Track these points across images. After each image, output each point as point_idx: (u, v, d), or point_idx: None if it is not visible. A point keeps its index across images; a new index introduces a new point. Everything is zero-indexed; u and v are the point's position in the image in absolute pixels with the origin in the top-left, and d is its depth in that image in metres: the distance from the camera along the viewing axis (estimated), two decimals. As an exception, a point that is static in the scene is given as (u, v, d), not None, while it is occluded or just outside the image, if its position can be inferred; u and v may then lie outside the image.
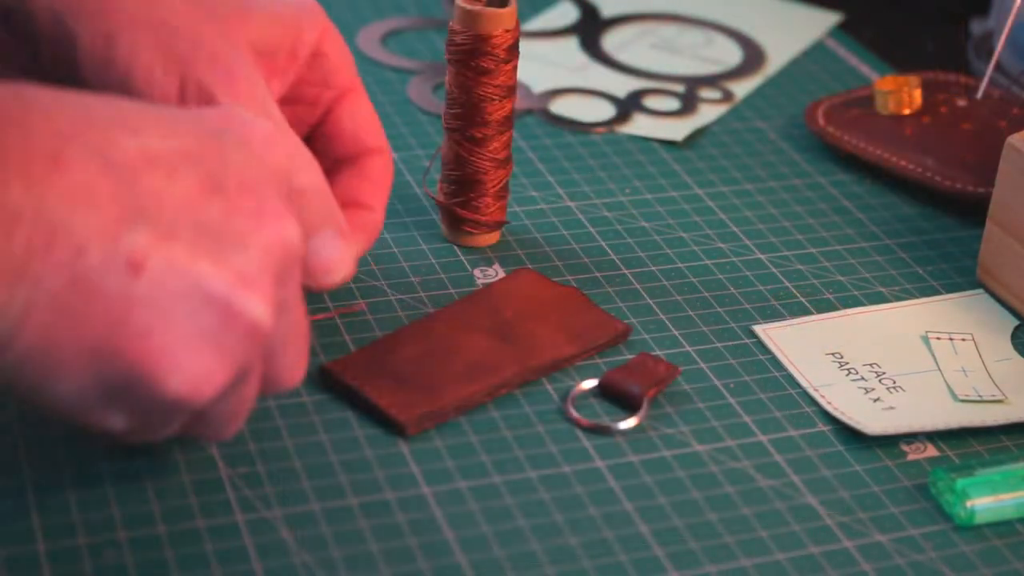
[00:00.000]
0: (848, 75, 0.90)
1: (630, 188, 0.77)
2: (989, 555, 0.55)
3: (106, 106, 0.49)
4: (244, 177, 0.49)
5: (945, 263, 0.72)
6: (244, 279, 0.48)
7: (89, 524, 0.53)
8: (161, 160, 0.48)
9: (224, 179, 0.49)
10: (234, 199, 0.48)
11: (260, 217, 0.49)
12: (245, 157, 0.50)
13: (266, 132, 0.51)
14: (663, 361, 0.62)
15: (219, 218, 0.48)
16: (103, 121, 0.47)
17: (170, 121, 0.49)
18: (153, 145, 0.48)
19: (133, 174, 0.47)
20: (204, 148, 0.49)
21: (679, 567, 0.53)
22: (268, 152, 0.51)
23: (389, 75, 0.86)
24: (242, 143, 0.50)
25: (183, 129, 0.49)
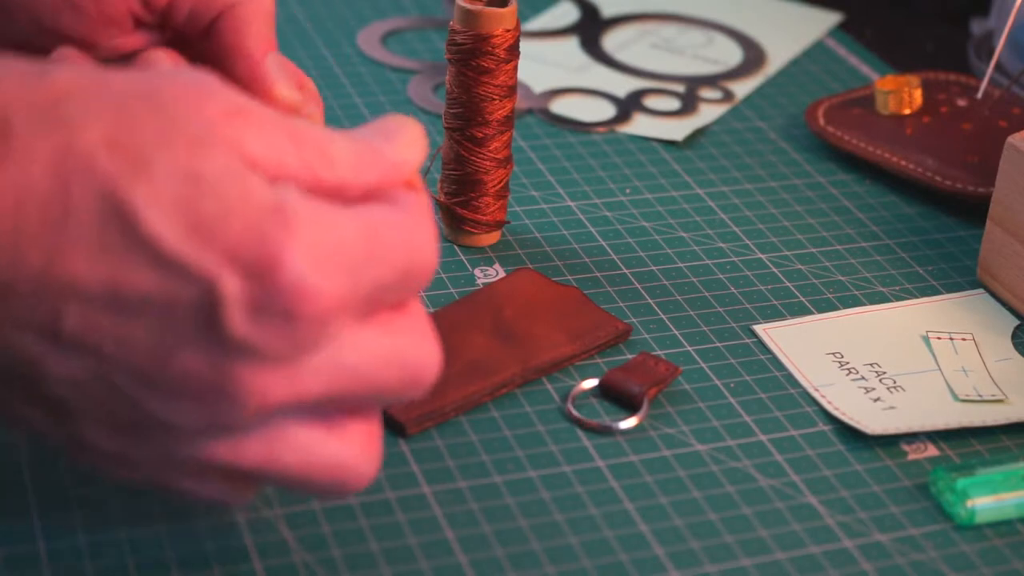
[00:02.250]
0: (848, 75, 0.90)
1: (630, 188, 0.77)
2: (990, 555, 0.55)
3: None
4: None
5: (945, 263, 0.72)
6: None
7: (89, 524, 0.53)
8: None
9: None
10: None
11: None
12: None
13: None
14: (663, 361, 0.62)
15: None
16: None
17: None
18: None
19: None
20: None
21: (679, 567, 0.53)
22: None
23: (389, 75, 0.86)
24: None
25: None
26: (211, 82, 0.45)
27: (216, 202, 0.42)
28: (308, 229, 0.43)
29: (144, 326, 0.43)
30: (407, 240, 0.46)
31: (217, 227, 0.42)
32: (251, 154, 0.44)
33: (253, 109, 0.45)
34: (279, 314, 0.43)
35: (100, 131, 0.42)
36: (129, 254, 0.42)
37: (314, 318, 0.43)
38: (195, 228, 0.42)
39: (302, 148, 0.45)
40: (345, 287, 0.43)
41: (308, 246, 0.43)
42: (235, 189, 0.43)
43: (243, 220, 0.42)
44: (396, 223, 0.46)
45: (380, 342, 0.46)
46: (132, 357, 0.43)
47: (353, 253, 0.44)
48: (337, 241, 0.44)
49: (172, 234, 0.42)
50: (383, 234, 0.45)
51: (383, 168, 0.47)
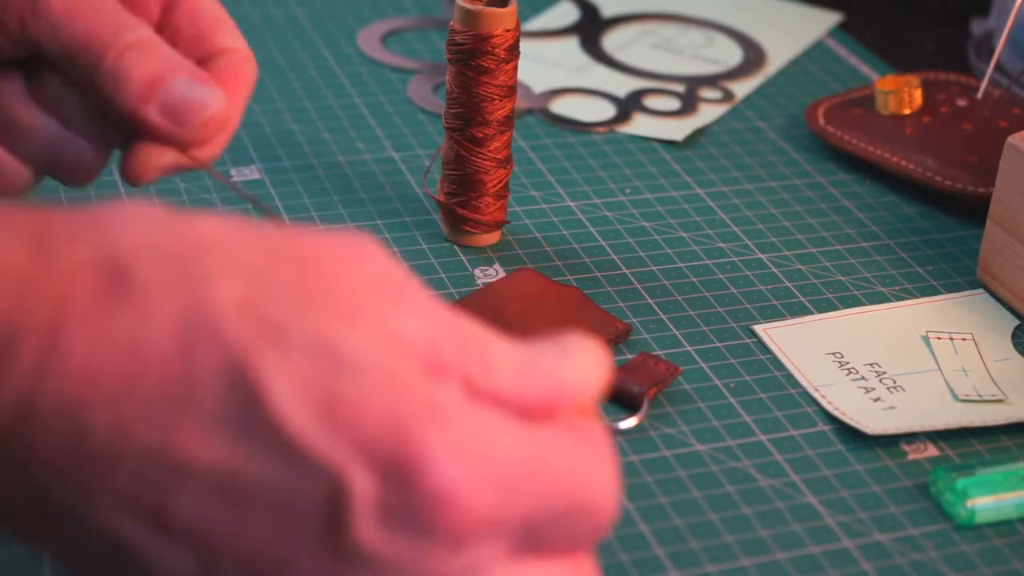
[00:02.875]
0: (848, 75, 0.90)
1: (630, 188, 0.77)
2: (990, 555, 0.55)
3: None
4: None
5: (945, 263, 0.72)
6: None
7: (89, 524, 0.53)
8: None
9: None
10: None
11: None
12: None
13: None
14: (663, 361, 0.62)
15: None
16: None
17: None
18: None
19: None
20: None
21: (679, 567, 0.53)
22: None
23: (389, 75, 0.86)
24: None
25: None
26: (371, 247, 0.40)
27: (356, 384, 0.37)
28: (461, 429, 0.37)
29: (261, 520, 0.37)
30: (579, 470, 0.39)
31: (354, 413, 0.36)
32: (402, 335, 0.38)
33: (412, 287, 0.40)
34: (416, 522, 0.37)
35: (235, 291, 0.38)
36: (252, 434, 0.37)
37: (457, 532, 0.37)
38: (329, 412, 0.37)
39: (463, 345, 0.39)
40: (498, 504, 0.37)
41: (459, 448, 0.37)
42: (379, 372, 0.37)
43: (385, 409, 0.37)
44: (568, 449, 0.39)
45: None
46: (245, 555, 0.37)
47: (512, 468, 0.37)
48: (494, 450, 0.37)
49: (301, 416, 0.36)
50: (551, 457, 0.38)
51: (550, 386, 0.40)
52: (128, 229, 0.39)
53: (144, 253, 0.38)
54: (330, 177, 0.75)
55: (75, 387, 0.37)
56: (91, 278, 0.37)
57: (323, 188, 0.74)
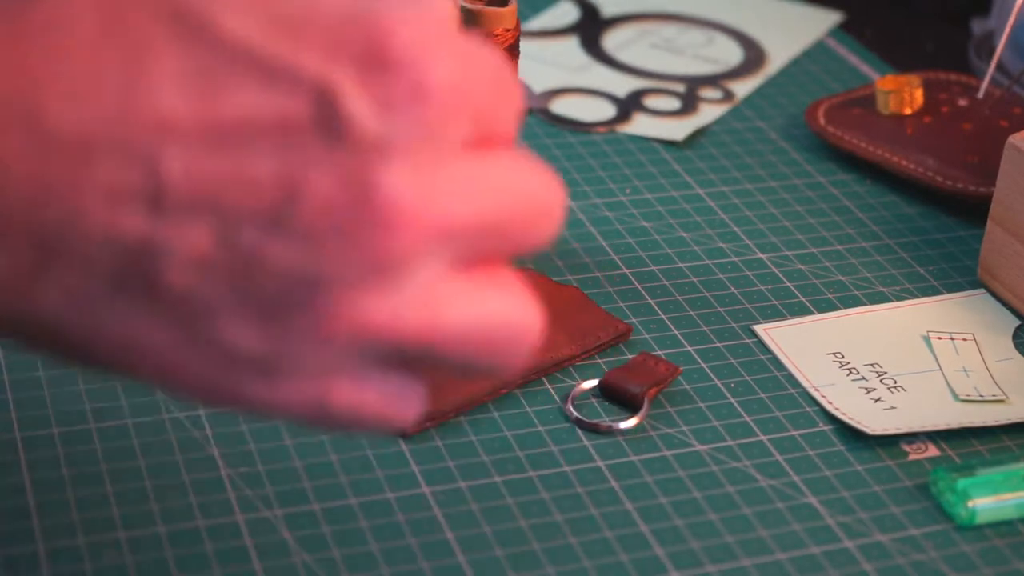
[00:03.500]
0: (848, 75, 0.90)
1: (630, 188, 0.77)
2: (990, 555, 0.55)
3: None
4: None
5: (946, 263, 0.72)
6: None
7: (89, 524, 0.53)
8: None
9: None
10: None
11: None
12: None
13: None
14: (663, 361, 0.62)
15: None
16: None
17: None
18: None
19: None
20: None
21: (679, 567, 0.53)
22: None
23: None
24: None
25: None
26: None
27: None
28: (423, 22, 0.36)
29: (261, 157, 0.35)
30: (529, 178, 0.39)
31: (314, 21, 0.35)
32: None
33: None
34: (407, 101, 0.35)
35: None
36: (218, 71, 0.35)
37: (442, 109, 0.36)
38: (281, 25, 0.35)
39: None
40: (467, 84, 0.36)
41: (426, 37, 0.36)
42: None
43: (337, 13, 0.35)
44: (521, 162, 0.39)
45: (485, 298, 0.39)
46: (258, 200, 0.35)
47: (472, 64, 0.37)
48: (459, 50, 0.36)
49: (259, 34, 0.35)
50: (503, 161, 0.38)
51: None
52: None
53: None
54: (330, 177, 0.75)
55: (16, 82, 0.35)
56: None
57: (323, 188, 0.74)
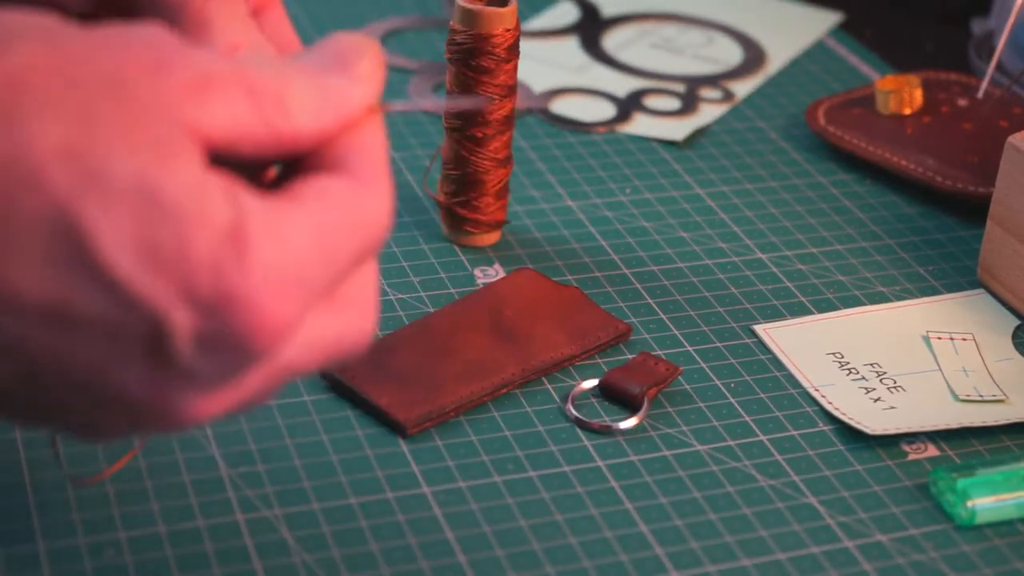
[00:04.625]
0: (848, 75, 0.90)
1: (630, 188, 0.77)
2: (990, 555, 0.55)
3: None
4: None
5: (945, 263, 0.72)
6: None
7: (89, 524, 0.53)
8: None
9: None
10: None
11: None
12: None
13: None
14: (663, 361, 0.62)
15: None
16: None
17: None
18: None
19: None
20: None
21: (679, 567, 0.53)
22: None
23: (389, 75, 0.86)
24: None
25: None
26: (167, 45, 0.41)
27: (173, 228, 0.39)
28: (264, 252, 0.40)
29: (85, 345, 0.40)
30: (361, 221, 0.43)
31: (172, 256, 0.39)
32: (211, 134, 0.41)
33: (213, 75, 0.41)
34: (230, 345, 0.40)
35: (56, 135, 0.39)
36: (77, 276, 0.39)
37: (268, 344, 0.41)
38: (150, 257, 0.39)
39: (260, 102, 0.41)
40: (301, 301, 0.41)
41: (264, 273, 0.40)
42: (194, 211, 0.39)
43: (199, 250, 0.39)
44: (348, 203, 0.42)
45: (322, 332, 0.43)
46: (68, 370, 0.40)
47: (309, 265, 0.41)
48: (293, 257, 0.41)
49: (126, 261, 0.39)
50: (336, 223, 0.42)
51: (345, 110, 0.43)
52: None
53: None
54: (330, 177, 0.75)
55: None
56: None
57: (323, 188, 0.74)
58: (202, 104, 0.41)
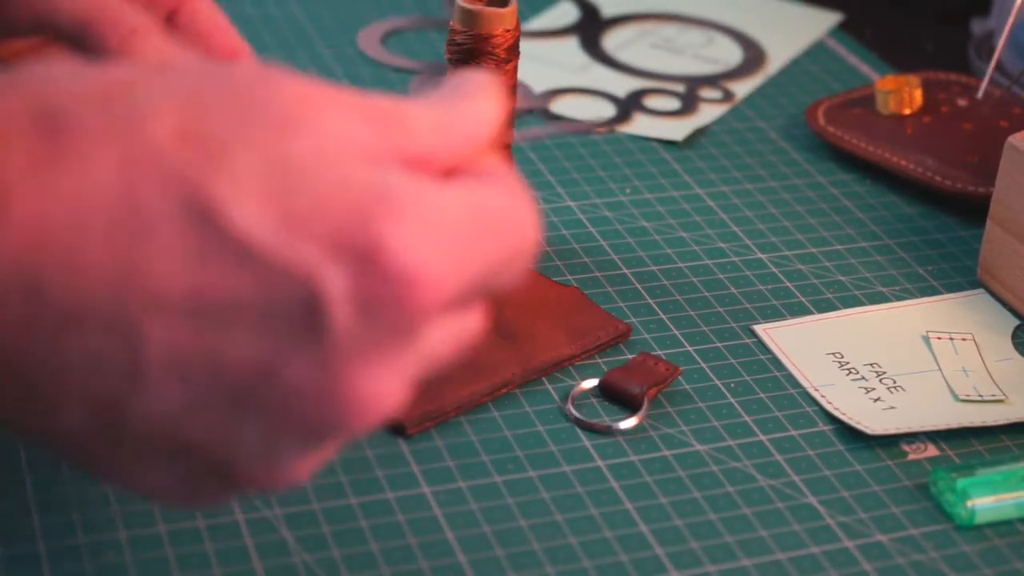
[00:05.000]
0: (848, 75, 0.90)
1: (630, 188, 0.77)
2: (990, 555, 0.55)
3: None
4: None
5: (945, 263, 0.72)
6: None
7: (89, 524, 0.53)
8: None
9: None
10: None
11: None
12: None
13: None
14: (663, 361, 0.62)
15: None
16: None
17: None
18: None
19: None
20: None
21: (679, 567, 0.53)
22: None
23: (389, 75, 0.86)
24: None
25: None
26: (279, 68, 0.40)
27: (310, 188, 0.38)
28: (414, 210, 0.38)
29: (242, 337, 0.38)
30: (510, 218, 0.41)
31: (314, 216, 0.37)
32: (339, 133, 0.39)
33: (327, 90, 0.40)
34: (390, 304, 0.38)
35: (170, 121, 0.38)
36: (217, 256, 0.37)
37: (427, 306, 0.38)
38: (289, 219, 0.37)
39: (380, 123, 0.40)
40: (457, 271, 0.39)
41: (416, 228, 0.38)
42: (330, 172, 0.38)
43: (342, 205, 0.37)
44: (497, 200, 0.41)
45: (460, 328, 0.42)
46: (231, 376, 0.38)
47: (462, 234, 0.39)
48: (445, 221, 0.39)
49: (264, 228, 0.37)
50: (489, 212, 0.40)
51: (466, 130, 0.42)
52: (53, 79, 0.38)
53: (74, 99, 0.37)
54: (330, 177, 0.75)
55: (25, 251, 0.36)
56: (25, 135, 0.37)
57: (323, 188, 0.74)
58: (322, 109, 0.40)
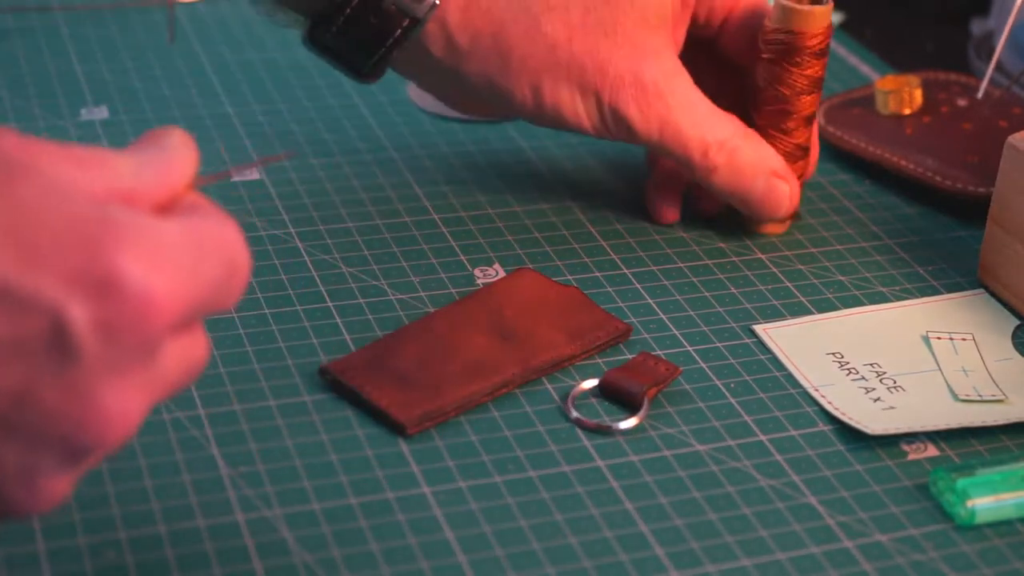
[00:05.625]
0: (848, 75, 0.90)
1: (630, 188, 0.77)
2: (990, 555, 0.55)
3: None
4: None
5: (945, 263, 0.72)
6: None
7: (89, 524, 0.53)
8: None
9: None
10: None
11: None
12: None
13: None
14: (663, 361, 0.62)
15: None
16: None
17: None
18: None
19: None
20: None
21: (679, 567, 0.53)
22: None
23: (389, 75, 0.86)
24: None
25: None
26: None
27: (44, 227, 0.40)
28: (140, 236, 0.41)
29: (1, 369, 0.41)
30: (224, 240, 0.44)
31: (51, 251, 0.40)
32: (59, 177, 0.42)
33: (37, 141, 0.43)
34: (130, 326, 0.41)
35: None
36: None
37: (163, 324, 0.42)
38: (28, 257, 0.40)
39: (89, 166, 0.43)
40: (185, 290, 0.42)
41: (145, 253, 0.41)
42: (59, 211, 0.41)
43: (75, 239, 0.41)
44: (209, 226, 0.44)
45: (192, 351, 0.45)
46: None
47: (185, 257, 0.42)
48: (169, 246, 0.42)
49: (4, 266, 0.40)
50: (204, 237, 0.44)
51: (165, 171, 0.45)
52: None
53: None
54: (330, 178, 0.75)
55: None
56: None
57: (323, 188, 0.74)
58: (36, 155, 0.42)
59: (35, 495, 0.43)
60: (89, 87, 0.83)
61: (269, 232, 0.70)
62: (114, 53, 0.87)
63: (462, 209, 0.73)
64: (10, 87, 0.82)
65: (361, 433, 0.58)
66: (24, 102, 0.81)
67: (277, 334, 0.63)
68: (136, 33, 0.89)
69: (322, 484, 0.56)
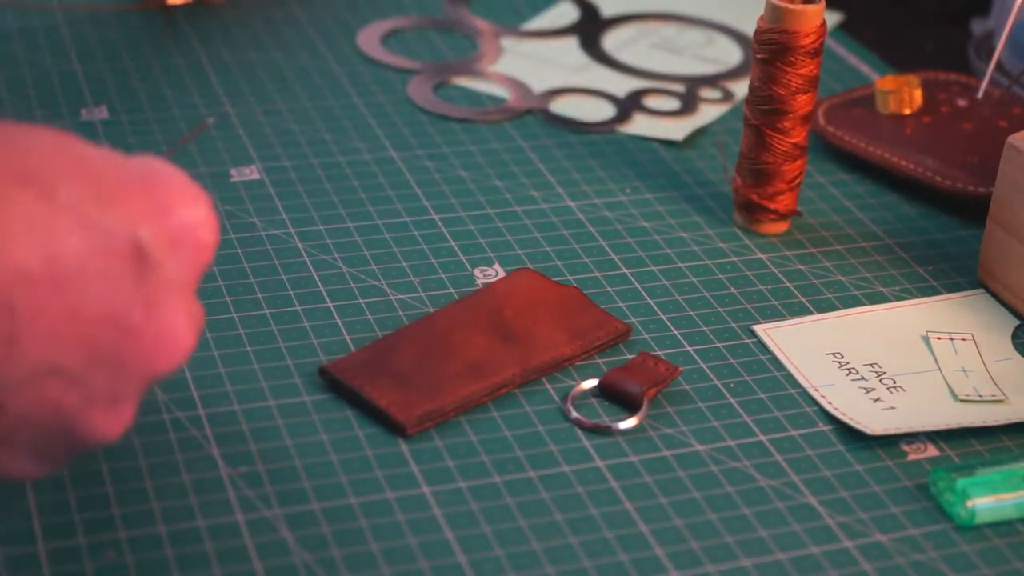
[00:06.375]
0: (848, 75, 0.90)
1: (630, 188, 0.77)
2: (990, 555, 0.55)
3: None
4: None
5: (945, 263, 0.72)
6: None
7: (89, 524, 0.53)
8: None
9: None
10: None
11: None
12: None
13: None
14: (663, 361, 0.62)
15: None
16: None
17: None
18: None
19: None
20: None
21: (679, 567, 0.53)
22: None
23: (389, 75, 0.86)
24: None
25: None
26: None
27: (107, 173, 0.47)
28: (180, 178, 0.48)
29: (92, 287, 0.45)
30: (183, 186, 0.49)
31: (118, 191, 0.46)
32: (102, 154, 0.48)
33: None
34: (190, 242, 0.47)
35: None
36: (59, 227, 0.45)
37: (214, 243, 0.48)
38: (104, 196, 0.46)
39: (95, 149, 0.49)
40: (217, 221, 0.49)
41: (189, 191, 0.48)
42: (114, 163, 0.47)
43: (133, 184, 0.47)
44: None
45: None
46: (86, 331, 0.45)
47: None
48: (201, 193, 0.49)
49: (88, 206, 0.46)
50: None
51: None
52: None
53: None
54: (330, 177, 0.75)
55: None
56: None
57: (323, 188, 0.74)
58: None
59: (118, 419, 0.47)
60: (89, 87, 0.83)
61: (269, 232, 0.71)
62: (114, 53, 0.87)
63: (462, 209, 0.73)
64: (10, 87, 0.82)
65: (361, 433, 0.58)
66: (24, 102, 0.81)
67: (277, 334, 0.63)
68: (136, 33, 0.89)
69: (322, 484, 0.56)
